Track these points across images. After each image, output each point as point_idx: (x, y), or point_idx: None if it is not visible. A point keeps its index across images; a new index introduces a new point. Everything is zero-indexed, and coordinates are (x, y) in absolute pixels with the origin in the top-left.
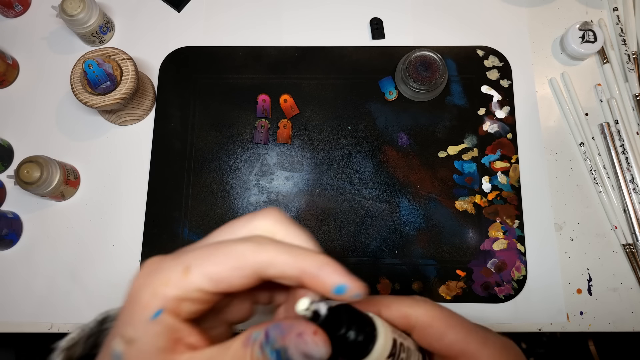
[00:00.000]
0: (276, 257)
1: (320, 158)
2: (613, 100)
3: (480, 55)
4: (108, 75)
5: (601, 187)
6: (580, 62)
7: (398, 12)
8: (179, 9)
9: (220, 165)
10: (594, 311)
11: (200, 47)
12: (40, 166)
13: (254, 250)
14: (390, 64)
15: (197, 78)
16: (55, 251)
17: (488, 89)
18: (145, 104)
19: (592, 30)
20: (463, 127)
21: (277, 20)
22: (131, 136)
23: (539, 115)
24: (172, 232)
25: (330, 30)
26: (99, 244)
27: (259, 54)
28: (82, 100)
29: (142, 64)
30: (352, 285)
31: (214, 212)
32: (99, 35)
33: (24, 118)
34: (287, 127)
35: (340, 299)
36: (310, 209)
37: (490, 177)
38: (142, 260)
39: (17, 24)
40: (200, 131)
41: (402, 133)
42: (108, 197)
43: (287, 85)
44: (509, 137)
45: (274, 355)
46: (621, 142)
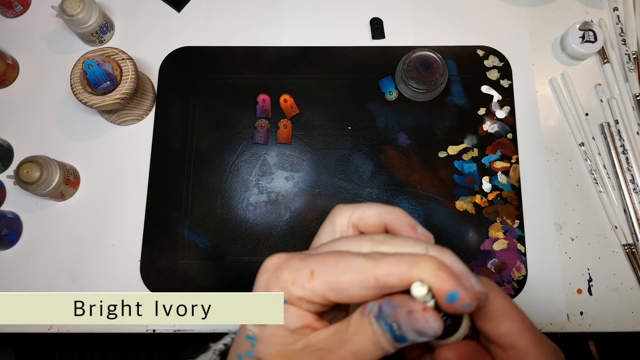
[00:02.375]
0: (392, 270)
1: (320, 158)
2: (613, 100)
3: (481, 55)
4: (108, 75)
5: (601, 187)
6: (580, 62)
7: (398, 12)
8: (178, 9)
9: (220, 165)
10: (594, 311)
11: (200, 47)
12: (40, 166)
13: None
14: (391, 63)
15: (197, 78)
16: (55, 251)
17: (488, 88)
18: (145, 103)
19: (592, 30)
20: (463, 127)
21: (277, 20)
22: (131, 136)
23: (539, 115)
24: (172, 232)
25: (330, 30)
26: (98, 244)
27: (259, 53)
28: (82, 100)
29: (142, 64)
30: (463, 295)
31: (214, 212)
32: (98, 35)
33: (23, 118)
34: (287, 127)
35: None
36: (310, 209)
37: (490, 177)
38: (142, 261)
39: (16, 24)
40: (200, 131)
41: (402, 133)
42: (108, 197)
43: (287, 85)
44: (509, 137)
45: (387, 328)
46: (621, 142)
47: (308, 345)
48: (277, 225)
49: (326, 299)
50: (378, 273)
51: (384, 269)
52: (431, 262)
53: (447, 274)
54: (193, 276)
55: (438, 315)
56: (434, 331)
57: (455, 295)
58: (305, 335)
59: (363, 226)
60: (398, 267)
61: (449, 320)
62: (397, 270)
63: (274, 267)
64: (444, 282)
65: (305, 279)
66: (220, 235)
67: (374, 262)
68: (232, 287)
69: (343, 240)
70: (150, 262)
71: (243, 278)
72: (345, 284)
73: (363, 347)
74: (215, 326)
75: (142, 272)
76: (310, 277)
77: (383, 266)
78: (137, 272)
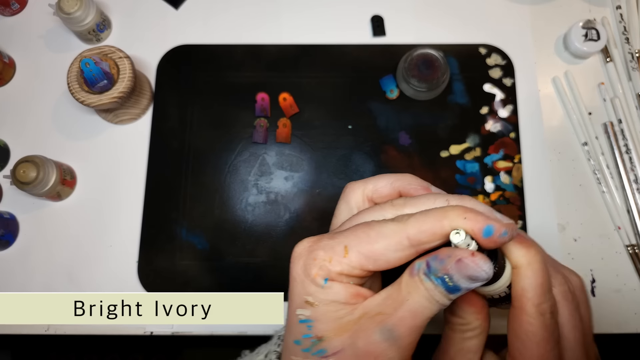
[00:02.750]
0: (422, 226)
1: (320, 158)
2: (616, 99)
3: (483, 54)
4: (105, 74)
5: (604, 187)
6: (583, 61)
7: (399, 9)
8: (176, 7)
9: (218, 165)
10: (597, 312)
11: (198, 45)
12: (36, 166)
13: (402, 226)
14: (392, 62)
15: (195, 76)
16: (51, 252)
17: (491, 87)
18: (142, 102)
19: (595, 29)
20: (465, 126)
21: (276, 18)
22: (128, 135)
23: (541, 114)
24: (170, 233)
25: (330, 28)
26: (95, 244)
27: (258, 52)
28: (79, 99)
29: (140, 62)
30: (497, 226)
31: (212, 212)
32: (96, 34)
33: (20, 117)
34: (287, 126)
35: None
36: (310, 210)
37: (493, 177)
38: (140, 262)
39: (13, 23)
40: (198, 130)
41: (403, 132)
42: (105, 197)
43: (287, 84)
44: (512, 137)
45: (439, 282)
46: (625, 142)
47: (365, 313)
48: (276, 225)
49: (365, 269)
50: (410, 232)
51: (415, 227)
52: (457, 209)
53: (475, 213)
54: (191, 277)
55: (486, 257)
56: (486, 273)
57: (490, 229)
58: (357, 305)
59: (377, 198)
60: (427, 223)
61: (495, 262)
62: (427, 226)
63: (307, 250)
64: (475, 221)
65: (341, 255)
66: (218, 235)
67: (403, 224)
68: (230, 289)
69: (365, 213)
70: (148, 263)
71: (242, 279)
72: (381, 250)
73: (419, 304)
74: (214, 327)
75: (140, 273)
76: (345, 251)
77: (413, 225)
78: (134, 273)
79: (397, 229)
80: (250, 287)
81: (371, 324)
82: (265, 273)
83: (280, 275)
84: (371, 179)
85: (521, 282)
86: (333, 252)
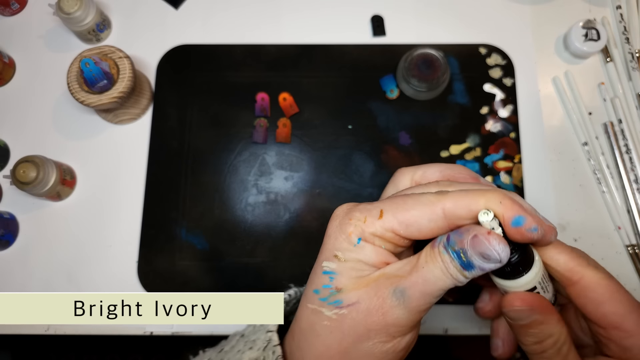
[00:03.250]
0: (459, 201)
1: (320, 158)
2: (616, 99)
3: (483, 53)
4: (105, 74)
5: (605, 187)
6: (583, 61)
7: (399, 9)
8: (176, 7)
9: (218, 165)
10: None
11: (198, 45)
12: (36, 166)
13: (441, 198)
14: (392, 61)
15: (195, 76)
16: (51, 252)
17: (491, 87)
18: (142, 102)
19: (596, 29)
20: (465, 126)
21: (276, 18)
22: (128, 135)
23: (542, 114)
24: (170, 233)
25: (330, 28)
26: (95, 244)
27: (258, 51)
28: (79, 99)
29: (139, 62)
30: (529, 219)
31: (212, 212)
32: (95, 34)
33: (20, 117)
34: (287, 126)
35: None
36: (310, 210)
37: (493, 177)
38: (139, 262)
39: (13, 22)
40: (198, 130)
41: (403, 132)
42: (105, 197)
43: (287, 84)
44: (512, 136)
45: (455, 255)
46: (625, 142)
47: (383, 273)
48: (276, 226)
49: (396, 233)
50: (446, 204)
51: (452, 200)
52: (497, 192)
53: (512, 201)
54: (191, 277)
55: (503, 239)
56: (498, 254)
57: (520, 219)
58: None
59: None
60: (465, 198)
61: (517, 255)
62: (465, 201)
63: (345, 211)
64: (509, 208)
65: (376, 217)
66: (218, 236)
67: (441, 196)
68: (230, 289)
69: (409, 189)
70: (147, 263)
71: (242, 279)
72: (414, 217)
73: (433, 274)
74: (214, 327)
75: (140, 273)
76: (380, 214)
77: (451, 197)
78: (134, 273)
79: (435, 200)
80: (250, 287)
81: (386, 283)
82: (265, 273)
83: (281, 275)
84: (422, 166)
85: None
86: (369, 214)
